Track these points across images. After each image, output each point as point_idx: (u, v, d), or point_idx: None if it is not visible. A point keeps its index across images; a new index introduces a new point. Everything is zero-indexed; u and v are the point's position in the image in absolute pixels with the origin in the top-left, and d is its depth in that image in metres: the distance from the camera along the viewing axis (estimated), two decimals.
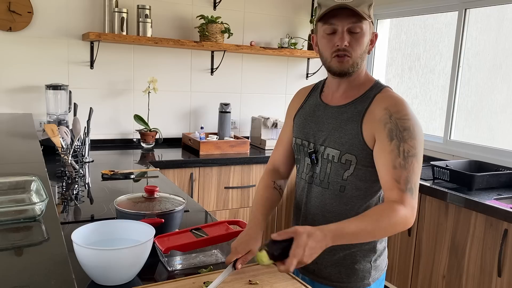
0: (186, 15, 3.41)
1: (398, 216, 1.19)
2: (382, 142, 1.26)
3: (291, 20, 3.82)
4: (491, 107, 3.10)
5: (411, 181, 1.23)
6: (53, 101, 2.95)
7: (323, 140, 1.38)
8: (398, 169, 1.23)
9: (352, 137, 1.31)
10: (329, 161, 1.36)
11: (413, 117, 1.27)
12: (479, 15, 3.11)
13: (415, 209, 1.24)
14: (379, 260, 1.43)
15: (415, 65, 3.64)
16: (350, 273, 1.39)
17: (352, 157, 1.32)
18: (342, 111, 1.36)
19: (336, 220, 1.35)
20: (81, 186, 2.19)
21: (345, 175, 1.34)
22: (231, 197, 3.16)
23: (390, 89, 1.37)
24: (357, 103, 1.34)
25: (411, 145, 1.24)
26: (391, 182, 1.23)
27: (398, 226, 1.20)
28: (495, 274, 2.20)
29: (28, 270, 0.79)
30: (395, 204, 1.21)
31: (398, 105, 1.28)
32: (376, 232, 1.19)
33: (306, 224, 1.43)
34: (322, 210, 1.40)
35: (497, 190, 2.53)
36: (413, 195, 1.23)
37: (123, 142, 3.34)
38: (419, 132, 1.26)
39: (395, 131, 1.24)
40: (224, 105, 3.42)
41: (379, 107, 1.29)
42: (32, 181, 1.21)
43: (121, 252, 1.11)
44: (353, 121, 1.32)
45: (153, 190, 1.49)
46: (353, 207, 1.36)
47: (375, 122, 1.28)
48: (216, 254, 1.38)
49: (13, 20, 2.85)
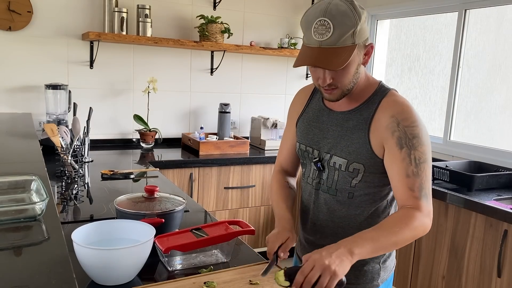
0: (186, 15, 3.41)
1: (416, 222, 1.18)
2: (392, 151, 1.24)
3: (291, 20, 3.82)
4: (490, 108, 3.11)
5: (425, 187, 1.22)
6: (53, 101, 2.94)
7: (328, 148, 1.35)
8: (411, 177, 1.21)
9: (359, 146, 1.29)
10: (336, 169, 1.34)
11: (420, 123, 1.25)
12: (479, 16, 3.11)
13: (431, 213, 1.23)
14: (388, 261, 1.41)
15: (415, 65, 3.64)
16: (358, 274, 1.37)
17: (360, 166, 1.29)
18: (347, 117, 1.33)
19: (346, 225, 1.36)
20: (81, 186, 2.19)
21: (353, 182, 1.32)
22: (230, 197, 3.16)
23: (395, 91, 1.33)
24: (363, 109, 1.31)
25: (422, 152, 1.22)
26: (406, 191, 1.22)
27: (417, 231, 1.20)
28: (495, 274, 2.20)
29: (28, 269, 0.78)
30: (412, 210, 1.20)
31: (405, 112, 1.25)
32: (398, 238, 1.17)
33: (315, 229, 1.42)
34: (331, 216, 1.38)
35: (496, 191, 2.53)
36: (428, 200, 1.23)
37: (122, 142, 3.34)
38: (426, 137, 1.25)
39: (404, 139, 1.22)
40: (224, 105, 3.42)
41: (385, 115, 1.26)
42: (32, 181, 1.21)
43: (121, 252, 1.11)
44: (360, 130, 1.29)
45: (153, 190, 1.48)
46: (362, 212, 1.34)
47: (383, 131, 1.25)
48: (217, 254, 1.37)
49: (12, 20, 2.85)
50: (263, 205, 3.29)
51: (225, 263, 1.35)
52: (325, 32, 1.15)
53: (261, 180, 3.24)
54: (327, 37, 1.15)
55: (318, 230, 1.41)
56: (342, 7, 1.16)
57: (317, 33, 1.16)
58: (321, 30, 1.15)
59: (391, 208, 1.38)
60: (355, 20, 1.15)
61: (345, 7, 1.16)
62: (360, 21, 1.17)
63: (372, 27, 3.81)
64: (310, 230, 1.44)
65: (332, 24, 1.14)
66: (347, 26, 1.15)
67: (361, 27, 1.17)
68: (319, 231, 1.41)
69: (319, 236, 1.41)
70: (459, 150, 3.07)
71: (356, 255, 1.11)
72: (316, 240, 1.42)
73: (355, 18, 1.15)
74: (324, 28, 1.15)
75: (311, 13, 1.18)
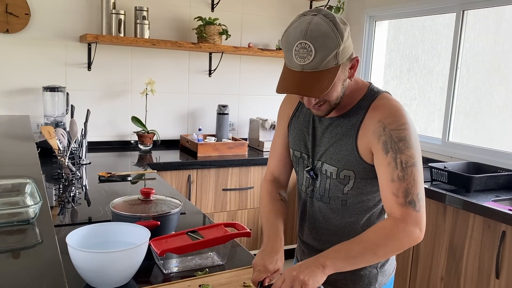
0: (184, 16, 3.41)
1: (398, 233, 1.13)
2: (379, 156, 1.20)
3: (289, 21, 3.80)
4: (489, 109, 3.10)
5: (412, 193, 1.16)
6: (50, 103, 2.94)
7: (320, 155, 1.33)
8: (396, 181, 1.16)
9: (348, 153, 1.26)
10: (328, 177, 1.31)
11: (409, 126, 1.19)
12: (477, 16, 3.11)
13: (420, 222, 1.16)
14: (386, 265, 1.39)
15: (414, 66, 3.64)
16: (355, 279, 1.35)
17: (350, 173, 1.26)
18: (336, 123, 1.29)
19: (341, 233, 1.34)
20: (78, 188, 2.18)
21: (345, 189, 1.29)
22: (229, 199, 3.15)
23: (386, 94, 1.28)
24: (351, 115, 1.27)
25: (409, 155, 1.17)
26: (390, 196, 1.18)
27: (401, 242, 1.14)
28: (493, 276, 2.19)
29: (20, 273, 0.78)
30: (394, 220, 1.15)
31: (393, 115, 1.20)
32: (377, 250, 1.13)
33: (312, 236, 1.40)
34: (326, 224, 1.36)
35: (495, 192, 2.52)
36: (416, 207, 1.16)
37: (120, 144, 3.33)
38: (415, 141, 1.20)
39: (390, 143, 1.18)
40: (222, 107, 3.42)
41: (373, 120, 1.22)
42: (26, 184, 1.20)
43: (116, 255, 1.11)
44: (348, 136, 1.26)
45: (149, 192, 1.48)
46: (357, 219, 1.32)
47: (370, 136, 1.22)
48: (212, 256, 1.37)
49: (10, 22, 2.85)
50: None
51: (221, 265, 1.34)
52: (307, 56, 1.10)
53: (260, 181, 3.23)
54: (309, 60, 1.10)
55: (315, 237, 1.39)
56: (323, 27, 1.09)
57: (299, 56, 1.10)
58: (302, 54, 1.10)
59: (386, 215, 1.35)
60: (337, 41, 1.10)
61: (326, 27, 1.09)
62: (343, 40, 1.11)
63: (371, 28, 3.81)
64: (307, 237, 1.43)
65: (314, 47, 1.09)
66: (329, 48, 1.09)
67: (344, 45, 1.12)
68: (316, 238, 1.39)
69: (317, 243, 1.39)
70: (457, 151, 3.06)
71: (328, 266, 1.08)
72: (315, 245, 1.40)
73: (337, 39, 1.09)
74: (305, 51, 1.09)
75: (291, 34, 1.13)
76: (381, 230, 1.15)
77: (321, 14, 1.12)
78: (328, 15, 1.12)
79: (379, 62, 3.89)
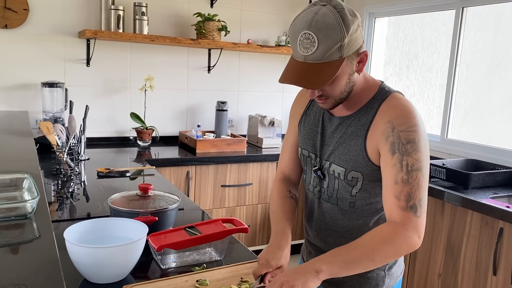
0: (183, 12, 3.40)
1: (397, 238, 1.10)
2: (385, 157, 1.17)
3: (288, 18, 3.81)
4: (488, 106, 3.10)
5: (415, 198, 1.12)
6: (49, 99, 2.94)
7: (328, 155, 1.30)
8: (399, 184, 1.13)
9: (356, 154, 1.23)
10: (336, 178, 1.28)
11: (419, 129, 1.15)
12: (477, 13, 3.10)
13: (419, 229, 1.13)
14: (394, 268, 1.35)
15: (413, 63, 3.64)
16: (362, 281, 1.32)
17: (358, 174, 1.24)
18: (346, 123, 1.26)
19: (349, 235, 1.30)
20: (77, 184, 2.19)
21: (353, 191, 1.26)
22: (227, 196, 3.15)
23: (398, 94, 1.24)
24: (361, 114, 1.24)
25: (416, 159, 1.13)
26: (391, 199, 1.14)
27: (399, 248, 1.11)
28: (491, 272, 2.20)
29: (17, 268, 0.78)
30: (394, 225, 1.12)
31: (403, 116, 1.16)
32: (374, 255, 1.09)
33: (319, 237, 1.38)
34: (334, 225, 1.33)
35: (493, 189, 2.53)
36: (417, 213, 1.12)
37: (119, 140, 3.33)
38: (424, 145, 1.16)
39: (398, 144, 1.14)
40: (221, 103, 3.42)
41: (383, 120, 1.18)
42: (24, 179, 1.21)
43: (113, 250, 1.11)
44: (357, 136, 1.23)
45: (147, 188, 1.48)
46: (365, 221, 1.29)
47: (378, 137, 1.18)
48: (210, 252, 1.37)
49: (8, 18, 2.84)
50: (260, 203, 3.29)
51: (218, 261, 1.34)
52: (310, 47, 1.08)
53: (258, 178, 3.24)
54: (312, 51, 1.08)
55: (322, 239, 1.37)
56: (329, 18, 1.07)
57: (302, 46, 1.10)
58: (306, 44, 1.09)
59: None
60: (342, 33, 1.07)
61: (332, 19, 1.07)
62: (349, 33, 1.09)
63: (370, 25, 3.81)
64: (314, 238, 1.41)
65: (317, 38, 1.07)
66: (333, 40, 1.07)
67: (350, 38, 1.09)
68: (323, 240, 1.37)
69: (324, 244, 1.37)
70: (456, 148, 3.06)
71: (323, 271, 1.05)
72: (322, 247, 1.38)
73: (342, 31, 1.07)
74: (309, 42, 1.08)
75: (297, 24, 1.11)
76: (379, 234, 1.12)
77: (330, 5, 1.10)
78: (337, 6, 1.10)
79: (379, 59, 3.89)
